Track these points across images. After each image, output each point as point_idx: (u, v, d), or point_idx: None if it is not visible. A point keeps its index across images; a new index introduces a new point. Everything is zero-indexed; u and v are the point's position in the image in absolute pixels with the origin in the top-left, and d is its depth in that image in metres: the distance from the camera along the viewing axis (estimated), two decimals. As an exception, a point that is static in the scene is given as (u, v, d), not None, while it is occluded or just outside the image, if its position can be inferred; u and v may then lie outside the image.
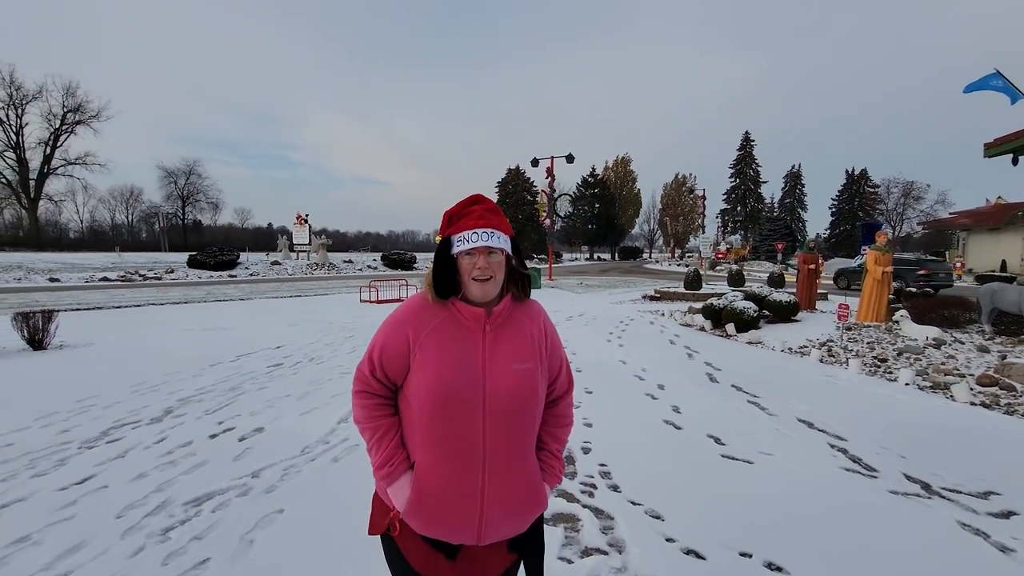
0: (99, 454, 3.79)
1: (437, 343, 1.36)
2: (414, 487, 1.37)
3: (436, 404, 1.33)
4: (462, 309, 1.39)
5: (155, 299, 15.80)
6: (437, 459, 1.35)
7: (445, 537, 1.36)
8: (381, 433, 1.41)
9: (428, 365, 1.35)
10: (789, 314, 10.17)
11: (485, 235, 1.36)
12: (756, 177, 72.39)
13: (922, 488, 3.42)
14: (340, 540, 2.68)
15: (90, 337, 8.64)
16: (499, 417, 1.35)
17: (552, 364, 1.50)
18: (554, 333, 1.53)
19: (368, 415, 1.42)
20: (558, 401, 1.55)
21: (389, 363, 1.40)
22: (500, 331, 1.41)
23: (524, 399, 1.38)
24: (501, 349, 1.38)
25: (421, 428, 1.37)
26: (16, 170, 57.27)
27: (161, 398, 5.21)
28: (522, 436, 1.41)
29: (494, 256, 1.38)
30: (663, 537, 2.78)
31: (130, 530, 2.78)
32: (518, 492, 1.40)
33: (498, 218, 1.41)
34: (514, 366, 1.37)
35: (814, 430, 4.52)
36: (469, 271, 1.37)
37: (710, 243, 28.50)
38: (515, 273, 1.47)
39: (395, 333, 1.40)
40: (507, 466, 1.38)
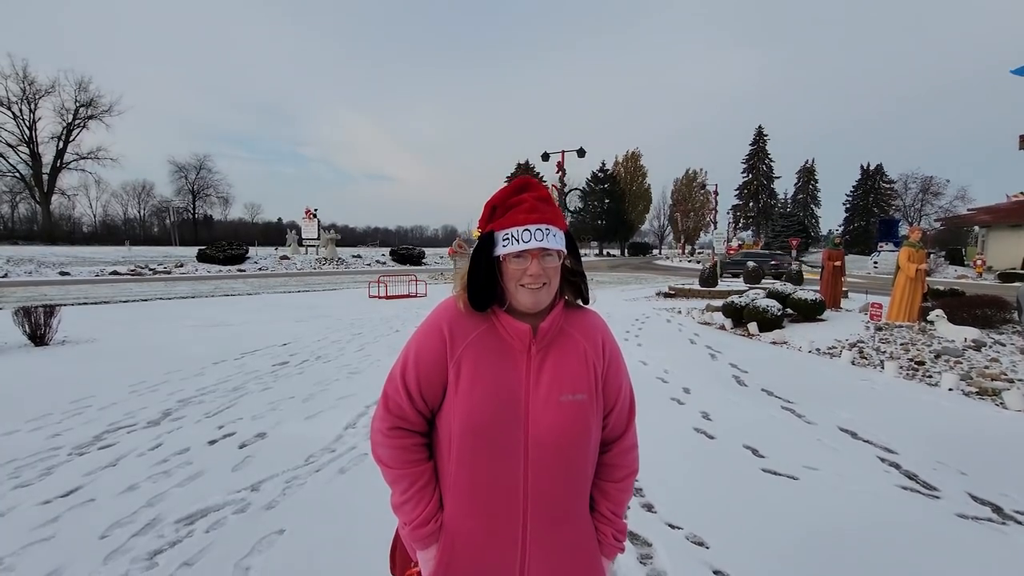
0: (89, 462, 3.52)
1: (475, 360, 1.07)
2: (441, 548, 1.08)
3: (468, 439, 1.04)
4: (505, 323, 1.10)
5: (163, 293, 15.64)
6: (468, 510, 1.06)
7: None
8: (422, 484, 1.10)
9: (461, 387, 1.05)
10: (815, 313, 9.76)
11: (540, 232, 1.05)
12: (769, 172, 71.50)
13: (993, 511, 3.07)
14: (346, 569, 2.38)
15: (94, 332, 8.43)
16: (544, 461, 1.05)
17: (609, 391, 1.17)
18: (616, 353, 1.21)
19: (404, 459, 1.11)
20: (613, 444, 1.21)
21: (426, 379, 1.10)
22: (548, 351, 1.10)
23: (573, 439, 1.07)
24: (548, 375, 1.08)
25: (449, 470, 1.07)
26: (30, 164, 57.70)
27: (160, 399, 4.94)
28: (574, 486, 1.09)
29: (549, 259, 1.07)
30: (710, 569, 2.45)
31: (114, 553, 2.49)
32: (568, 562, 1.09)
33: (553, 210, 1.10)
34: (563, 397, 1.06)
35: (859, 441, 4.17)
36: (518, 277, 1.07)
37: (722, 239, 27.92)
38: (570, 276, 1.17)
39: (429, 338, 1.11)
40: (555, 525, 1.07)
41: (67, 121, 58.45)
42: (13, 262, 25.83)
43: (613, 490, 1.20)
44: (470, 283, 1.10)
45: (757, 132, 71.53)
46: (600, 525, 1.18)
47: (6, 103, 53.99)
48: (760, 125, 71.68)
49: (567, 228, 1.14)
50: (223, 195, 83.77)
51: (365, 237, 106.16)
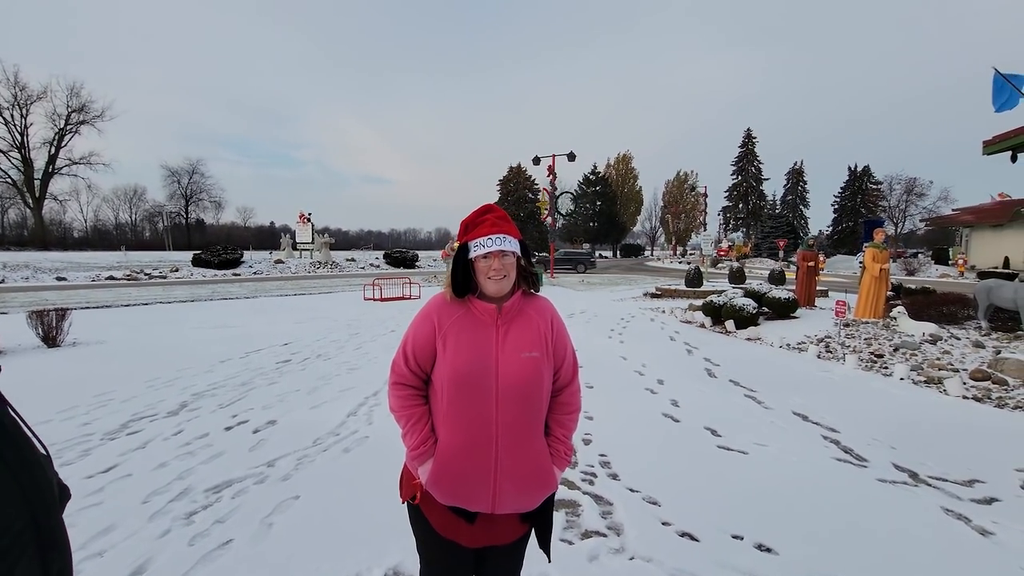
0: (121, 445, 3.96)
1: (456, 335, 1.56)
2: (436, 460, 1.56)
3: (454, 388, 1.53)
4: (477, 306, 1.60)
5: (162, 297, 15.99)
6: (456, 435, 1.55)
7: (463, 504, 1.55)
8: (415, 420, 1.60)
9: (448, 353, 1.55)
10: (788, 311, 10.30)
11: (499, 240, 1.56)
12: (758, 174, 72.33)
13: (909, 476, 3.57)
14: (355, 524, 2.84)
15: (102, 335, 8.82)
16: (509, 400, 1.53)
17: (557, 353, 1.66)
18: (561, 326, 1.70)
19: (403, 404, 1.61)
20: (563, 389, 1.69)
21: (420, 352, 1.60)
22: (511, 324, 1.60)
23: (530, 384, 1.55)
24: (511, 340, 1.57)
25: (442, 409, 1.57)
26: (21, 170, 57.66)
27: (175, 393, 5.38)
28: (530, 418, 1.57)
29: (506, 258, 1.58)
30: (659, 521, 2.94)
31: (156, 514, 2.95)
32: (528, 469, 1.57)
33: (508, 225, 1.62)
34: (522, 354, 1.56)
35: (809, 423, 4.67)
36: (485, 272, 1.57)
37: (712, 240, 28.59)
38: (524, 272, 1.66)
39: (424, 326, 1.61)
40: (517, 444, 1.55)
41: (59, 127, 58.53)
42: (9, 268, 26.01)
43: (565, 419, 1.68)
44: (452, 278, 1.61)
45: (746, 134, 72.38)
46: (554, 444, 1.65)
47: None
48: (749, 128, 72.62)
49: (520, 237, 1.65)
50: (216, 199, 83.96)
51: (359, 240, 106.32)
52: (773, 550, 2.67)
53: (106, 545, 2.64)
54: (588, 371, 6.49)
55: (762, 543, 2.73)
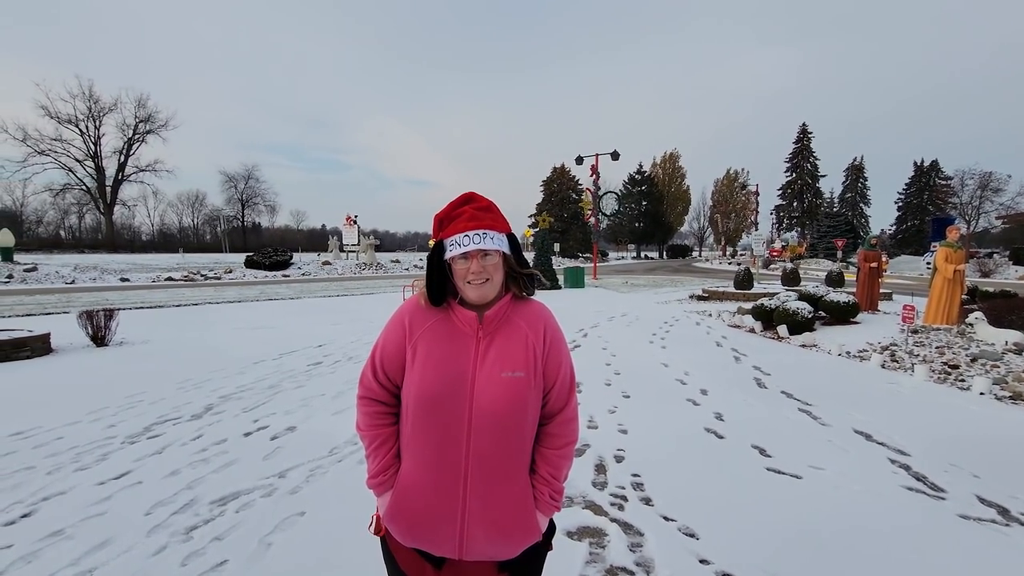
0: (139, 450, 3.90)
1: (428, 344, 1.30)
2: (395, 492, 1.31)
3: (420, 410, 1.27)
4: (457, 312, 1.32)
5: (213, 298, 16.52)
6: (418, 466, 1.29)
7: (424, 548, 1.29)
8: (379, 443, 1.35)
9: (416, 368, 1.29)
10: (848, 316, 9.54)
11: (477, 237, 1.27)
12: (814, 171, 69.15)
13: (998, 513, 3.06)
14: (357, 547, 2.61)
15: (149, 334, 9.06)
16: (485, 427, 1.25)
17: (549, 371, 1.36)
18: (556, 338, 1.39)
19: (369, 423, 1.37)
20: (553, 417, 1.39)
21: (389, 362, 1.35)
22: (495, 335, 1.31)
23: (511, 410, 1.26)
24: (492, 355, 1.29)
25: (406, 433, 1.31)
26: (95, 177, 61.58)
27: (204, 395, 5.35)
28: (509, 452, 1.29)
29: (489, 258, 1.29)
30: (697, 558, 2.57)
31: (156, 528, 2.81)
32: (504, 514, 1.28)
33: (491, 216, 1.32)
34: (504, 374, 1.27)
35: (872, 443, 4.16)
36: (464, 275, 1.29)
37: (763, 241, 27.31)
38: (514, 273, 1.37)
39: (393, 331, 1.36)
40: (492, 483, 1.27)
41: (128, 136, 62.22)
42: (80, 269, 27.63)
43: (553, 456, 1.37)
44: (427, 284, 1.34)
45: (801, 129, 69.32)
46: (538, 485, 1.35)
47: (74, 121, 57.86)
48: (804, 122, 69.47)
49: (509, 231, 1.35)
50: (270, 203, 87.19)
51: (405, 242, 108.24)
52: (832, 601, 2.28)
53: (100, 561, 2.50)
54: (625, 379, 6.11)
55: (818, 591, 2.34)
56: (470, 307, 1.33)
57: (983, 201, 48.67)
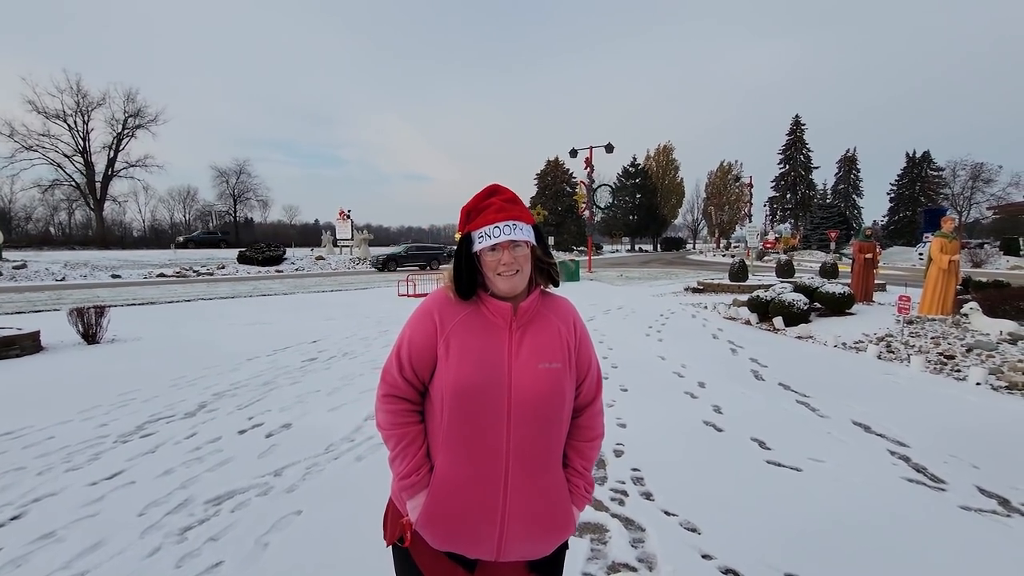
0: (132, 449, 3.84)
1: (462, 337, 1.26)
2: (431, 494, 1.26)
3: (458, 404, 1.23)
4: (489, 304, 1.29)
5: (205, 294, 16.37)
6: (458, 464, 1.25)
7: (462, 551, 1.25)
8: (408, 441, 1.30)
9: (452, 361, 1.25)
10: (843, 307, 9.56)
11: (508, 228, 1.25)
12: (807, 163, 69.30)
13: (999, 504, 3.06)
14: (355, 548, 2.57)
15: (140, 331, 8.96)
16: (524, 419, 1.23)
17: (580, 366, 1.36)
18: (584, 333, 1.39)
19: (394, 421, 1.31)
20: (584, 410, 1.39)
21: (417, 356, 1.30)
22: (528, 327, 1.30)
23: (551, 400, 1.25)
24: (527, 347, 1.27)
25: (442, 430, 1.26)
26: (84, 173, 60.74)
27: (197, 392, 5.29)
28: (548, 443, 1.28)
29: (519, 249, 1.27)
30: (699, 553, 2.55)
31: (149, 529, 2.76)
32: (543, 508, 1.27)
33: (519, 208, 1.30)
34: (540, 365, 1.25)
35: (871, 434, 4.16)
36: (494, 267, 1.26)
37: (757, 232, 27.30)
38: (541, 263, 1.34)
39: (422, 323, 1.31)
40: (532, 476, 1.25)
41: (117, 131, 61.26)
42: (70, 266, 27.34)
43: (585, 448, 1.38)
44: (455, 278, 1.30)
45: (794, 121, 69.35)
46: (572, 478, 1.35)
47: (62, 116, 57.01)
48: (797, 114, 69.53)
49: (534, 222, 1.33)
50: (262, 198, 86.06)
51: (399, 237, 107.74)
52: (836, 595, 2.26)
53: (92, 564, 2.45)
54: (623, 372, 6.09)
55: (822, 585, 2.32)
56: (503, 299, 1.30)
57: (974, 192, 48.99)
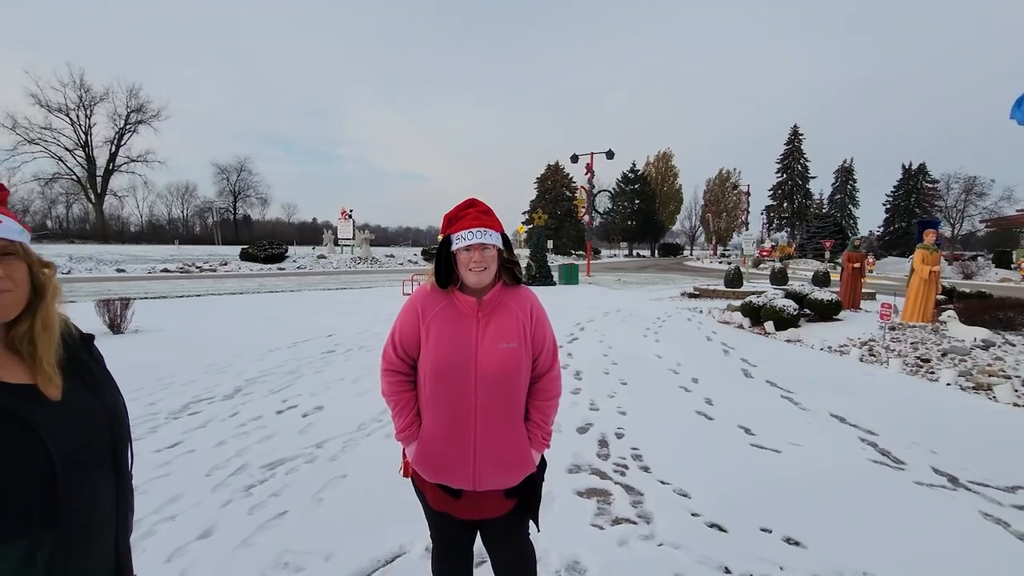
0: (184, 424, 4.28)
1: (439, 325, 1.67)
2: (420, 443, 1.71)
3: (436, 376, 1.65)
4: (459, 298, 1.69)
5: (213, 290, 16.78)
6: (437, 418, 1.68)
7: (446, 482, 1.69)
8: (403, 405, 1.74)
9: (431, 344, 1.67)
10: (831, 313, 10.06)
11: (479, 233, 1.64)
12: (804, 172, 70.13)
13: (948, 480, 3.53)
14: (397, 502, 3.01)
15: (160, 323, 9.38)
16: (487, 386, 1.64)
17: (536, 342, 1.75)
18: (540, 316, 1.78)
19: (393, 390, 1.75)
20: (542, 376, 1.78)
21: (406, 341, 1.73)
22: (491, 315, 1.69)
23: (508, 373, 1.66)
24: (491, 331, 1.67)
25: (425, 395, 1.70)
26: (85, 167, 61.06)
27: (230, 378, 5.73)
28: (508, 404, 1.68)
29: (487, 251, 1.66)
30: (689, 512, 3.02)
31: (218, 487, 3.21)
32: (506, 452, 1.69)
33: (490, 218, 1.70)
34: (501, 345, 1.65)
35: (846, 425, 4.63)
36: (467, 264, 1.65)
37: (753, 240, 27.90)
38: (506, 263, 1.75)
39: (409, 316, 1.73)
40: (495, 429, 1.66)
41: (119, 126, 61.71)
42: (75, 260, 27.70)
43: (544, 406, 1.77)
44: (435, 270, 1.71)
45: (792, 131, 70.26)
46: (532, 429, 1.75)
47: (65, 110, 57.34)
48: (795, 124, 70.47)
49: (503, 231, 1.74)
50: (262, 196, 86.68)
51: (397, 237, 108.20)
52: (802, 544, 2.72)
53: (177, 511, 2.90)
54: (622, 368, 6.55)
55: (791, 536, 2.78)
56: (470, 293, 1.70)
57: (967, 205, 49.70)
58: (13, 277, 1.03)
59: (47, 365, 1.08)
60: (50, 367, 1.08)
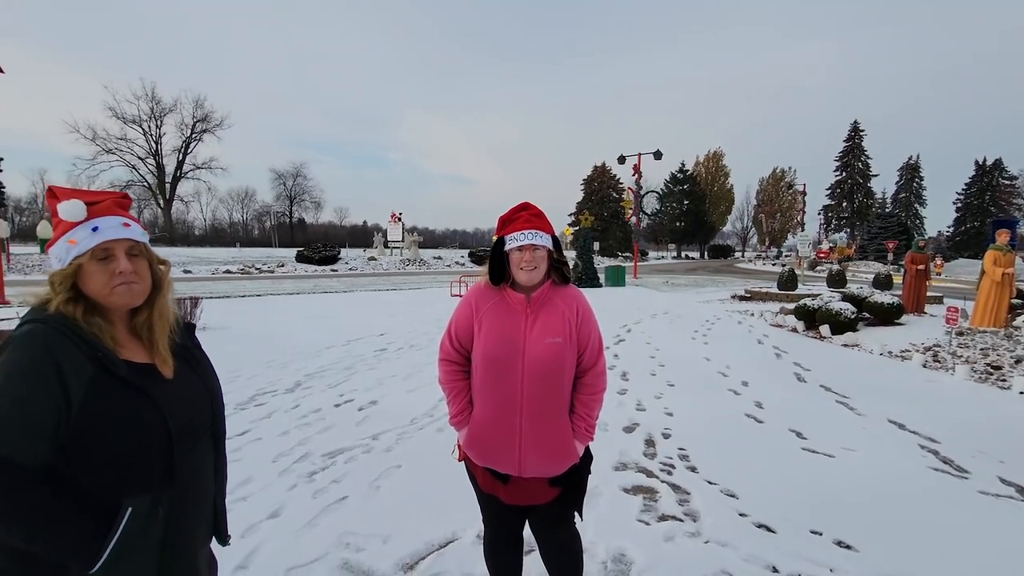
0: (251, 414, 4.59)
1: (490, 320, 1.80)
2: (470, 428, 1.84)
3: (486, 367, 1.78)
4: (510, 295, 1.81)
5: (272, 290, 17.61)
6: (486, 406, 1.80)
7: (493, 466, 1.81)
8: (456, 392, 1.88)
9: (482, 336, 1.80)
10: (892, 317, 9.63)
11: (531, 235, 1.75)
12: (865, 170, 66.87)
13: (1017, 491, 3.38)
14: (449, 492, 3.15)
15: (226, 321, 9.96)
16: (533, 378, 1.74)
17: (581, 338, 1.84)
18: (587, 313, 1.87)
19: (448, 378, 1.90)
20: (587, 371, 1.86)
21: (461, 333, 1.87)
22: (539, 312, 1.79)
23: (553, 366, 1.76)
24: (538, 326, 1.77)
25: (476, 384, 1.83)
26: (155, 174, 65.03)
27: (290, 373, 6.06)
28: (553, 395, 1.78)
29: (538, 251, 1.77)
30: (736, 512, 3.02)
31: (284, 472, 3.45)
32: (550, 441, 1.78)
33: (541, 221, 1.81)
34: (547, 339, 1.76)
35: (905, 431, 4.47)
36: (518, 263, 1.76)
37: (809, 241, 26.86)
38: (555, 263, 1.85)
39: (464, 311, 1.88)
40: (540, 419, 1.76)
41: (186, 135, 65.36)
42: (146, 261, 29.55)
43: (587, 399, 1.85)
44: (489, 268, 1.83)
45: (852, 127, 67.10)
46: (576, 420, 1.84)
47: (138, 121, 61.27)
48: (855, 120, 67.27)
49: (553, 233, 1.83)
50: (316, 200, 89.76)
51: (444, 239, 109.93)
52: (854, 548, 2.68)
53: (248, 492, 3.14)
54: (669, 370, 6.52)
55: (842, 540, 2.75)
56: (520, 290, 1.81)
57: (1049, 202, 46.15)
58: (140, 272, 1.22)
59: (162, 348, 1.28)
60: (165, 350, 1.28)
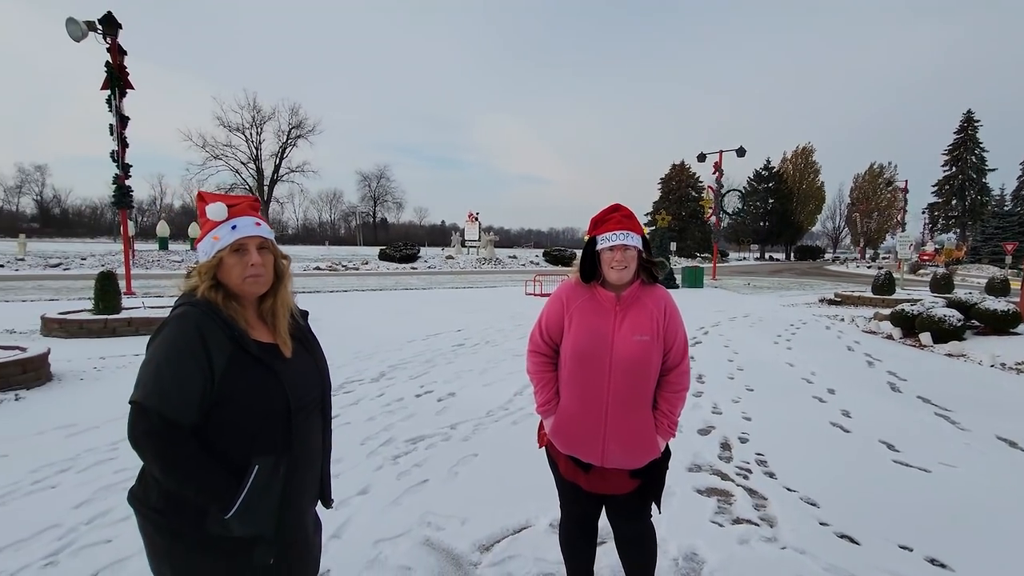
0: (340, 400, 4.96)
1: (580, 316, 1.88)
2: (557, 418, 1.93)
3: (574, 361, 1.86)
4: (600, 293, 1.89)
5: (357, 286, 18.61)
6: (573, 400, 1.89)
7: (577, 455, 1.90)
8: (544, 382, 1.98)
9: (572, 331, 1.88)
10: (1006, 325, 8.73)
11: (622, 236, 1.81)
12: (980, 164, 60.44)
13: None
14: (523, 482, 3.29)
15: (315, 315, 10.56)
16: (620, 374, 1.81)
17: (668, 337, 1.88)
18: (673, 313, 1.92)
19: (537, 369, 2.00)
20: (672, 369, 1.90)
21: (551, 327, 1.96)
22: (628, 310, 1.86)
23: (640, 362, 1.81)
24: (627, 324, 1.84)
25: (564, 376, 1.91)
26: (255, 178, 70.25)
27: (376, 364, 6.46)
28: (638, 391, 1.84)
29: (628, 251, 1.83)
30: (817, 520, 2.94)
31: (371, 454, 3.73)
32: (632, 435, 1.85)
33: (632, 222, 1.87)
34: (635, 337, 1.82)
35: (1016, 450, 4.11)
36: (609, 262, 1.83)
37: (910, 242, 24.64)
38: (645, 263, 1.91)
39: (555, 306, 1.97)
40: (624, 412, 1.83)
41: (282, 141, 70.12)
42: (245, 258, 32.10)
43: (671, 396, 1.90)
44: (581, 266, 1.91)
45: (964, 118, 60.83)
46: (659, 417, 1.89)
47: (241, 129, 66.49)
48: (968, 109, 60.91)
49: (643, 233, 1.88)
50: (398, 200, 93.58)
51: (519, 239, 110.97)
52: (948, 567, 2.54)
53: (339, 471, 3.42)
54: (748, 374, 6.32)
55: (935, 558, 2.61)
56: (610, 289, 1.87)
57: None
58: (267, 264, 1.44)
59: (283, 331, 1.49)
60: (285, 333, 1.49)
